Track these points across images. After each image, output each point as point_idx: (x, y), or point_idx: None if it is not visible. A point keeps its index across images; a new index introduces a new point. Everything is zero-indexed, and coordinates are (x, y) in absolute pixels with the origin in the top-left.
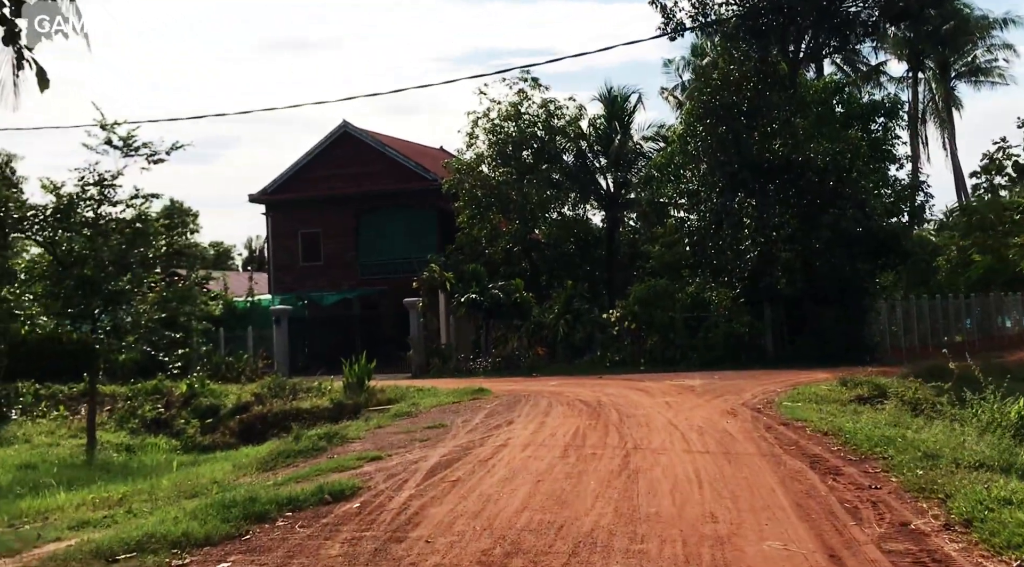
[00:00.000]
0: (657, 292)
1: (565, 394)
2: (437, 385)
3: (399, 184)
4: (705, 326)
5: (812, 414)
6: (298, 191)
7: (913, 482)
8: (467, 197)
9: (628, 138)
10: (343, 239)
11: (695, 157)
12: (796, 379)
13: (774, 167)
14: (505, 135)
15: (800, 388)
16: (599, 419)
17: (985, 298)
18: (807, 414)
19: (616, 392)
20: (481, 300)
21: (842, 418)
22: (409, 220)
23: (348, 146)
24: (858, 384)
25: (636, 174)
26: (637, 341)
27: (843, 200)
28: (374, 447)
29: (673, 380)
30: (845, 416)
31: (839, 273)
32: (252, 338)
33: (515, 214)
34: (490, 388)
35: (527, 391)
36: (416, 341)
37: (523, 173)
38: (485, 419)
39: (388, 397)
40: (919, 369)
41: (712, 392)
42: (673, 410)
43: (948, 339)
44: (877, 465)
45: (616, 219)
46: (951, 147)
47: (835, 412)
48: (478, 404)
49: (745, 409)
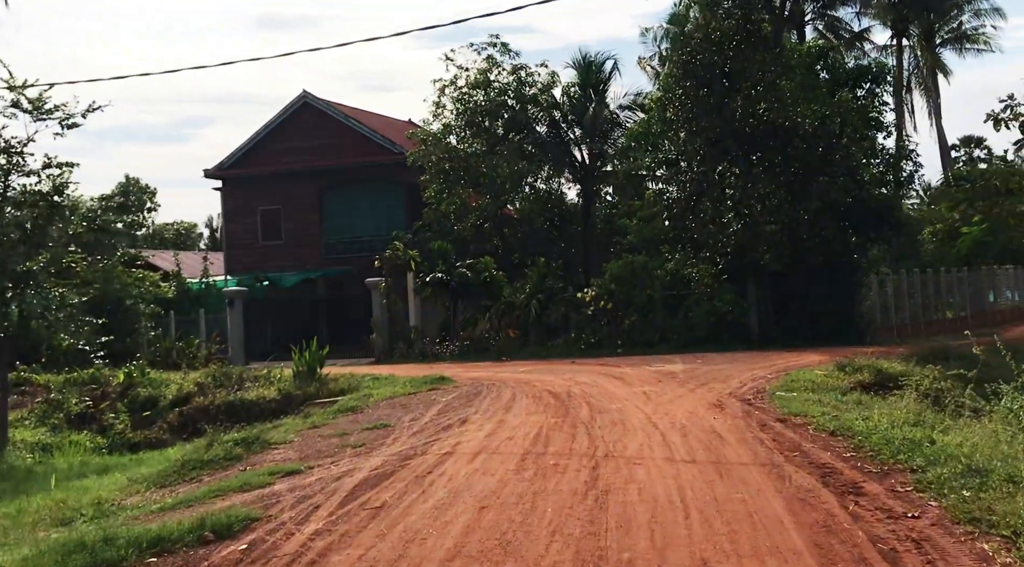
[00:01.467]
0: (634, 269)
1: (533, 383)
2: (398, 372)
3: (364, 158)
4: (686, 305)
5: (812, 407)
6: (257, 165)
7: (962, 509)
8: (434, 170)
9: (604, 107)
10: (305, 216)
11: (674, 124)
12: (786, 363)
13: (758, 133)
14: (474, 104)
15: (792, 374)
16: (567, 416)
17: (976, 272)
18: (806, 407)
19: (589, 380)
20: (448, 279)
21: (849, 413)
22: (376, 196)
23: (309, 118)
24: (857, 369)
25: (612, 145)
26: (614, 322)
27: (833, 168)
28: (298, 456)
29: (652, 365)
30: (851, 410)
31: (828, 247)
32: (205, 322)
33: (485, 188)
34: (453, 375)
35: (492, 379)
36: (379, 324)
37: (493, 144)
38: (437, 416)
39: (341, 387)
40: (921, 350)
41: (695, 379)
42: (652, 403)
43: (940, 316)
44: (906, 481)
45: (592, 193)
46: (936, 116)
47: (837, 404)
48: (434, 396)
49: (733, 401)
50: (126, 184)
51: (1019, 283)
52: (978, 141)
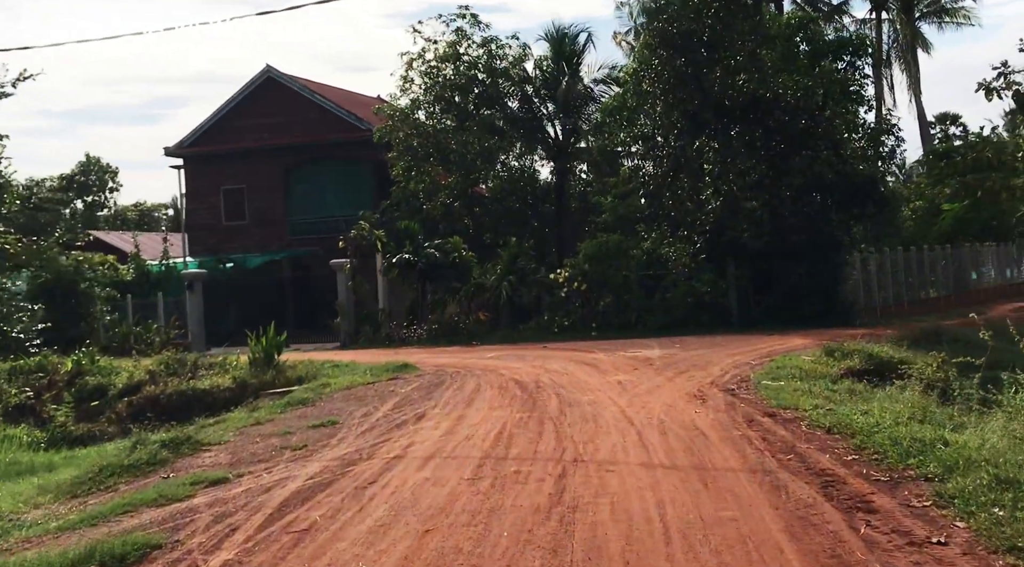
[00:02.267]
0: (609, 249)
1: (500, 371)
2: (361, 358)
3: (331, 135)
4: (663, 286)
5: (803, 399)
6: (219, 143)
7: (997, 533)
8: (401, 147)
9: (577, 81)
10: (270, 195)
11: (650, 96)
12: (769, 347)
13: (739, 105)
14: (443, 79)
15: (778, 359)
16: (533, 410)
17: (959, 250)
18: (796, 399)
19: (560, 367)
20: (415, 261)
21: (845, 406)
22: (343, 174)
23: (273, 93)
24: (847, 354)
25: (587, 121)
26: (588, 304)
27: (816, 141)
28: (229, 460)
29: (627, 350)
30: (847, 402)
31: (811, 224)
32: (163, 305)
33: (455, 166)
34: (418, 362)
35: (458, 366)
36: (344, 307)
37: (463, 120)
38: (392, 411)
39: (299, 375)
40: (911, 333)
41: (674, 366)
42: (628, 394)
43: (924, 295)
44: (922, 493)
45: (566, 170)
46: (916, 91)
47: (830, 395)
48: (393, 386)
49: (716, 391)
50: (86, 163)
51: (1002, 261)
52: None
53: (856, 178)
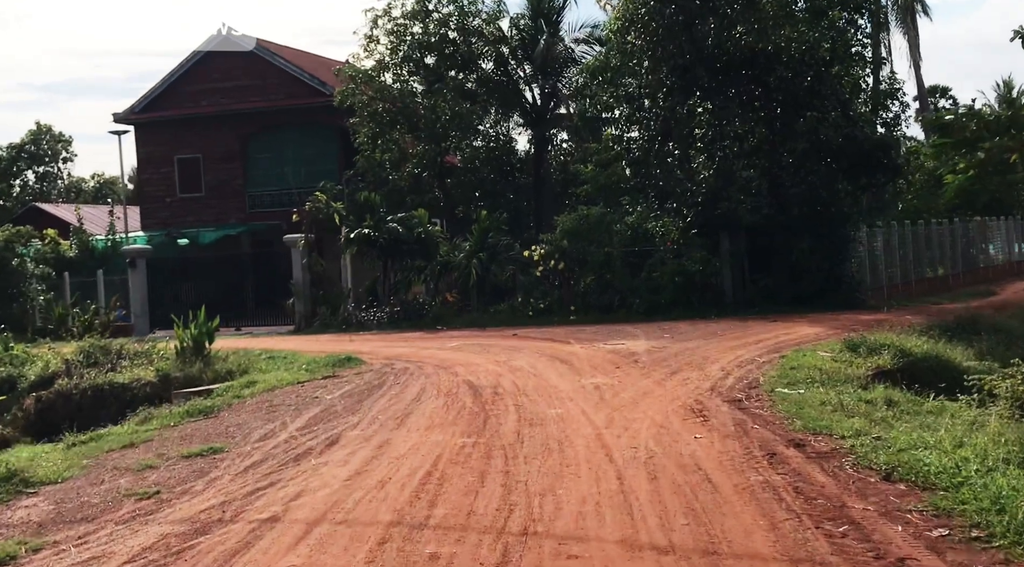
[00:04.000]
0: (590, 223)
1: (455, 368)
2: (309, 346)
3: (294, 100)
4: (649, 264)
5: (836, 418)
6: (172, 109)
7: None
8: (365, 112)
9: (557, 41)
10: (228, 165)
11: (637, 51)
12: (774, 337)
13: (735, 61)
14: (411, 38)
15: (788, 355)
16: (483, 432)
17: (967, 224)
18: (827, 417)
19: (528, 364)
20: (375, 236)
21: (899, 431)
22: (307, 143)
23: (231, 56)
24: (873, 349)
25: (567, 85)
26: (566, 284)
27: (823, 101)
28: (47, 515)
29: (609, 340)
30: (894, 422)
31: (815, 194)
32: (103, 284)
33: (424, 132)
34: (370, 352)
35: (411, 359)
36: (299, 287)
37: (433, 83)
38: (300, 432)
39: (229, 368)
40: (942, 319)
41: (664, 363)
42: (607, 406)
43: (932, 273)
44: None
45: (544, 138)
46: (915, 57)
47: (867, 409)
48: (321, 391)
49: (719, 401)
50: (37, 132)
51: (1009, 236)
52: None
53: (866, 143)
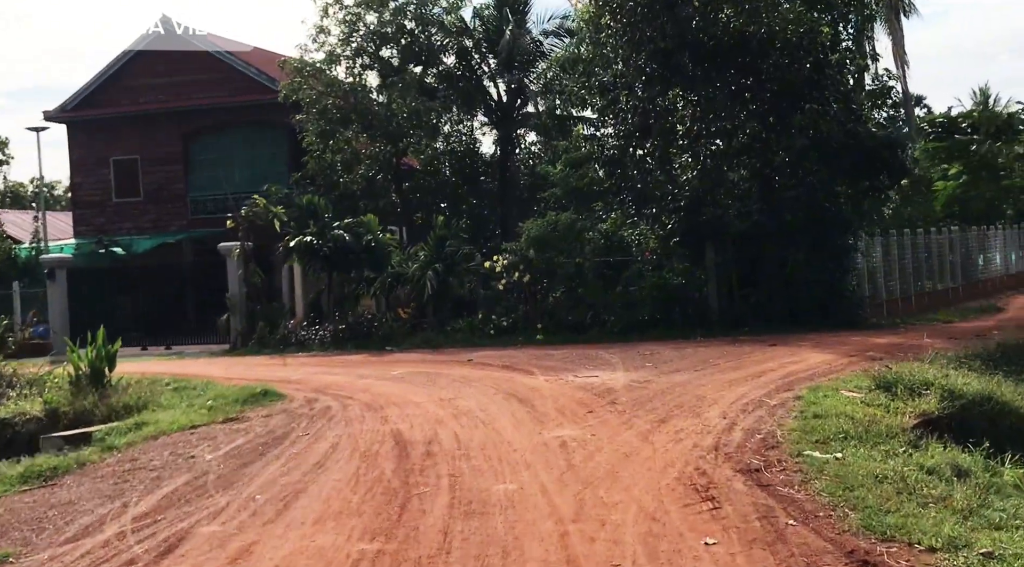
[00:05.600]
0: (559, 230)
1: (389, 409)
2: (233, 370)
3: (240, 97)
4: (626, 276)
5: (907, 509)
6: (109, 106)
7: None
8: (314, 109)
9: (524, 32)
10: (169, 168)
11: (612, 37)
12: (781, 367)
13: (724, 46)
14: (364, 28)
15: (805, 395)
16: (395, 530)
17: (966, 233)
18: (892, 506)
19: (478, 405)
20: (319, 244)
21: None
22: (254, 143)
23: (172, 49)
24: (911, 388)
25: (536, 81)
26: (532, 299)
27: (824, 92)
28: None
29: (580, 370)
30: (989, 507)
31: (813, 198)
32: (19, 298)
33: (379, 131)
34: (296, 382)
35: (339, 393)
36: (235, 301)
37: (388, 77)
38: (137, 525)
39: (126, 402)
40: (984, 346)
41: (648, 406)
42: (575, 479)
43: (932, 286)
44: None
45: (511, 138)
46: (900, 58)
47: (938, 488)
48: (203, 446)
49: (729, 472)
50: None
51: (1008, 246)
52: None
53: (870, 140)
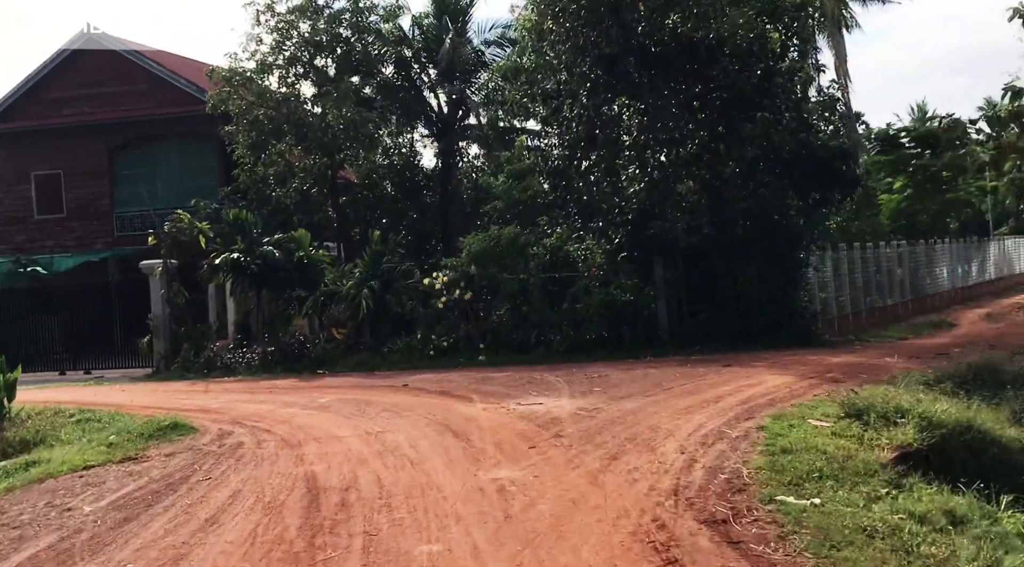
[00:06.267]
0: (502, 245)
1: (308, 446)
2: (149, 398)
3: (168, 109)
4: (572, 293)
5: None
6: (29, 119)
7: None
8: (244, 119)
9: (465, 42)
10: (93, 182)
11: (556, 45)
12: (737, 390)
13: (671, 52)
14: (298, 36)
15: (769, 425)
16: None
17: (914, 247)
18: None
19: (407, 439)
20: (247, 262)
21: None
22: (184, 157)
23: (97, 59)
24: (884, 416)
25: (477, 92)
26: (474, 317)
27: (775, 101)
28: None
29: (522, 397)
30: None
31: (764, 211)
32: None
33: (313, 143)
34: (215, 411)
35: (257, 425)
36: (158, 322)
37: (324, 87)
38: None
39: (24, 436)
40: (954, 367)
41: (597, 439)
42: (512, 535)
43: (882, 302)
44: None
45: (452, 150)
46: (843, 72)
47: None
48: (86, 494)
49: (692, 523)
50: None
51: (954, 260)
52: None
53: (822, 151)
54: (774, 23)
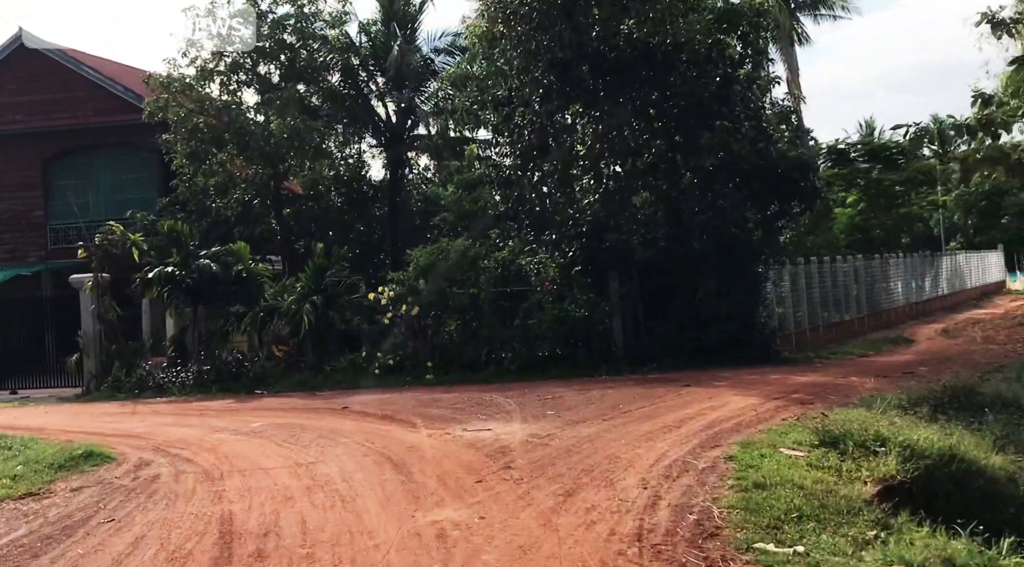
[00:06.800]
0: (451, 258)
1: (231, 480)
2: (73, 421)
3: (106, 117)
4: (524, 308)
5: None
6: None
7: None
8: (183, 128)
9: (414, 49)
10: (26, 194)
11: (507, 50)
12: (700, 413)
13: (627, 57)
14: (240, 42)
15: (738, 455)
16: None
17: (869, 262)
18: None
19: (340, 472)
20: (182, 275)
21: None
22: (122, 167)
23: (30, 65)
24: (862, 445)
25: (427, 101)
26: (422, 334)
27: (734, 109)
28: None
29: (470, 421)
30: None
31: (723, 224)
32: None
33: (256, 153)
34: (140, 436)
35: (180, 454)
36: (88, 339)
37: (265, 94)
38: None
39: None
40: (930, 390)
41: (551, 472)
42: None
43: (839, 317)
44: None
45: (401, 161)
46: (795, 85)
47: None
48: None
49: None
50: None
51: (908, 275)
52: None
53: (782, 162)
54: (731, 32)
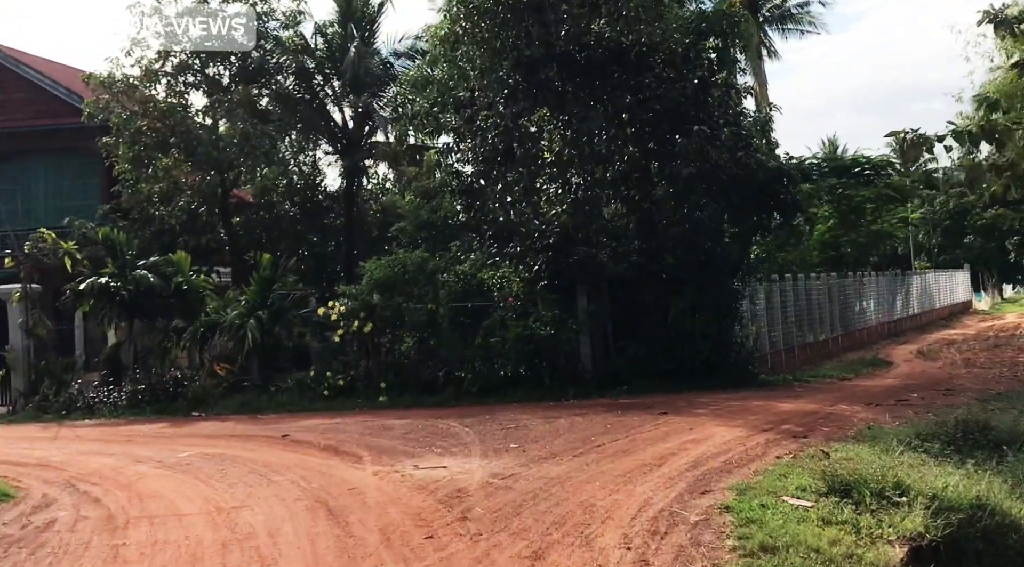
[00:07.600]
0: (408, 271)
1: (132, 530)
2: None
3: (46, 120)
4: (486, 326)
5: None
6: None
7: None
8: (126, 131)
9: (372, 52)
10: None
11: (471, 48)
12: (682, 448)
13: (598, 58)
14: (188, 42)
15: (732, 501)
16: None
17: (843, 280)
18: None
19: (267, 523)
20: (117, 287)
21: None
22: (63, 172)
23: None
24: (880, 495)
25: (385, 107)
26: (375, 351)
27: (711, 115)
28: None
29: (423, 456)
30: None
31: (698, 237)
32: None
33: (203, 158)
34: (55, 465)
35: (84, 494)
36: (17, 355)
37: (215, 95)
38: None
39: None
40: (940, 425)
41: (515, 524)
42: None
43: (813, 337)
44: None
45: (358, 169)
46: (764, 98)
47: None
48: None
49: None
50: None
51: (881, 293)
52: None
53: (761, 172)
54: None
